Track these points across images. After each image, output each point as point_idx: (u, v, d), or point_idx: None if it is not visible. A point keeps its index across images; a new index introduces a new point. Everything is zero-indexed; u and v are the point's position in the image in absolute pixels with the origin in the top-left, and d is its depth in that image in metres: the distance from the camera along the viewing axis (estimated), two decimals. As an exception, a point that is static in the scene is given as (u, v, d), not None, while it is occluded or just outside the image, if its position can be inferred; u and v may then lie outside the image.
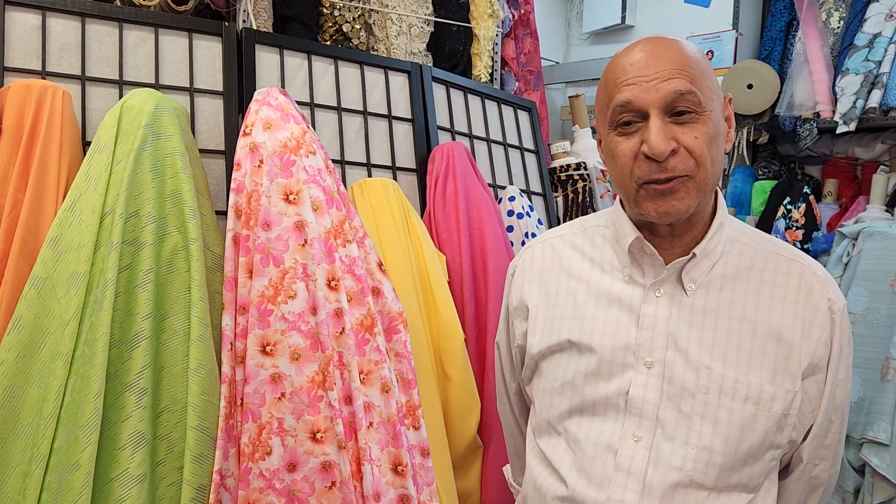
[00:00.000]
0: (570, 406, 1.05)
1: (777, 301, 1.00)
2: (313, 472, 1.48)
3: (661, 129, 0.92)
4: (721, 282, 1.01)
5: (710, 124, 0.94)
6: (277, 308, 1.51)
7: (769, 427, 0.96)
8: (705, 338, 0.99)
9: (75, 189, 1.41)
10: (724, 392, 0.96)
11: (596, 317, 1.05)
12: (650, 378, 0.99)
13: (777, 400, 0.96)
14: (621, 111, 0.95)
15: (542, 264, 1.16)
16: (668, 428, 0.98)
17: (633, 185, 0.97)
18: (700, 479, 0.96)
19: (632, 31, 3.67)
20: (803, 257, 1.04)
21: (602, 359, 1.02)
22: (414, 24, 2.34)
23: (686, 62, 0.94)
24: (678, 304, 1.01)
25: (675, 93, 0.92)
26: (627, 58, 0.97)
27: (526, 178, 2.46)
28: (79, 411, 1.31)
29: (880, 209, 2.58)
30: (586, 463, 1.01)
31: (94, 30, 1.63)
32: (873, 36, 2.61)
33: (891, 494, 2.24)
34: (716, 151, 0.95)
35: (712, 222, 1.03)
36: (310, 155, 1.61)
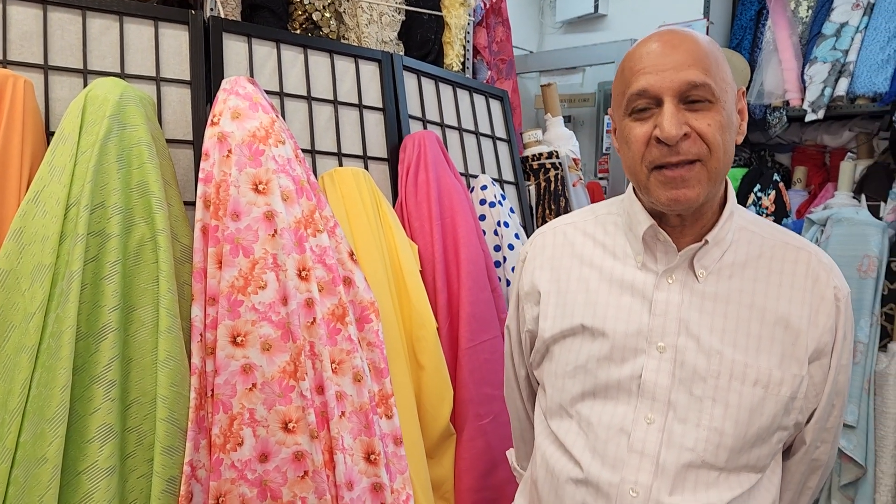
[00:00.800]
0: (582, 389, 1.07)
1: (785, 288, 1.02)
2: (285, 462, 1.48)
3: (674, 115, 0.94)
4: (731, 269, 1.04)
5: (723, 113, 0.96)
6: (248, 299, 1.50)
7: (777, 410, 0.99)
8: (716, 323, 1.01)
9: (39, 180, 1.39)
10: (734, 376, 0.99)
11: (609, 302, 1.07)
12: (662, 362, 1.02)
13: (785, 384, 0.99)
14: (637, 98, 0.98)
15: (553, 251, 1.17)
16: (680, 410, 1.00)
17: (645, 171, 0.99)
18: (711, 460, 0.98)
19: (605, 20, 3.67)
20: (810, 246, 1.06)
21: (615, 343, 1.04)
22: (385, 12, 2.32)
23: (701, 54, 0.96)
24: (690, 290, 1.03)
25: (689, 83, 0.94)
26: (645, 47, 0.99)
27: (498, 167, 2.46)
28: (45, 405, 1.29)
29: (848, 196, 2.62)
30: (599, 445, 1.04)
31: (57, 18, 1.60)
32: (840, 25, 2.65)
33: (857, 475, 2.29)
34: (728, 140, 0.97)
35: (722, 211, 1.05)
36: (279, 144, 1.60)
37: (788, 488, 1.13)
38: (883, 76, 2.52)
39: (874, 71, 2.55)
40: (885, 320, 2.35)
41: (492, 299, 1.98)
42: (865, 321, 2.33)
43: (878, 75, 2.53)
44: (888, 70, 2.52)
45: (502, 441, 1.88)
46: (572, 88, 3.73)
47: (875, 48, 2.56)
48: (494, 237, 2.17)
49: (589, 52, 3.43)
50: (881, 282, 2.36)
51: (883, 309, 2.36)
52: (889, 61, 2.53)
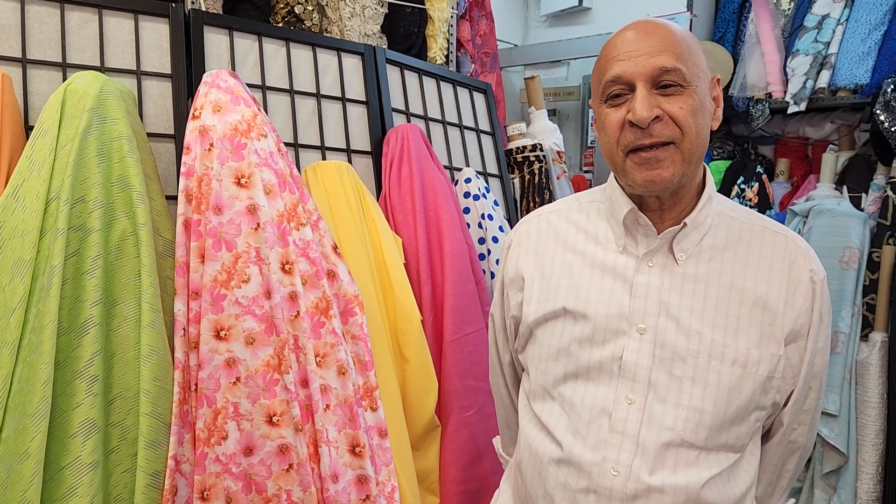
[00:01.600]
0: (564, 371, 1.09)
1: (763, 270, 1.04)
2: (270, 456, 1.48)
3: (646, 98, 0.97)
4: (710, 252, 1.06)
5: (695, 97, 0.99)
6: (231, 292, 1.49)
7: (755, 388, 1.01)
8: (695, 305, 1.03)
9: (18, 174, 1.38)
10: (713, 356, 1.01)
11: (591, 286, 1.09)
12: (643, 343, 1.03)
13: (763, 363, 1.01)
14: (611, 84, 1.00)
15: (538, 237, 1.20)
16: (660, 390, 1.02)
17: (620, 154, 1.02)
18: (691, 439, 1.00)
19: (589, 13, 3.68)
20: (787, 231, 1.09)
21: (596, 325, 1.06)
22: (367, 5, 2.32)
23: (673, 40, 0.99)
24: (670, 273, 1.05)
25: (661, 68, 0.97)
26: (619, 36, 1.02)
27: (482, 160, 2.47)
28: (27, 400, 1.29)
29: (830, 187, 2.64)
30: (581, 426, 1.05)
31: (35, 10, 1.59)
32: (822, 17, 2.66)
33: (839, 463, 2.31)
34: (701, 123, 1.00)
35: (701, 196, 1.07)
36: (261, 138, 1.60)
37: (767, 470, 1.14)
38: (864, 68, 2.54)
39: (855, 63, 2.56)
40: (866, 310, 2.37)
41: (476, 292, 1.99)
42: (847, 311, 2.35)
43: (859, 67, 2.55)
44: (869, 62, 2.54)
45: (487, 432, 1.89)
46: (557, 82, 3.73)
47: (856, 40, 2.57)
48: (479, 230, 2.18)
49: (573, 46, 3.43)
50: (862, 272, 2.38)
51: (864, 299, 2.38)
52: (870, 53, 2.55)
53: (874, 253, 2.38)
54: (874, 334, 2.34)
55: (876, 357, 2.31)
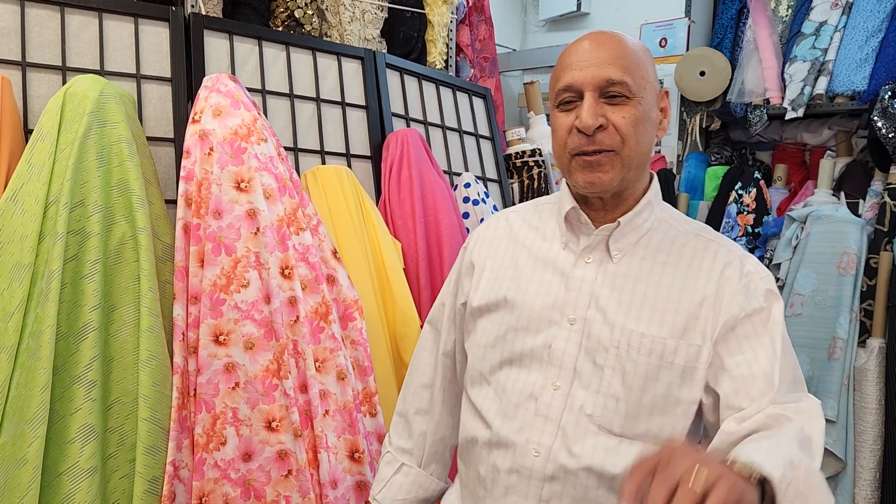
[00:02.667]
0: (500, 358, 1.14)
1: (693, 270, 1.09)
2: (269, 461, 1.48)
3: (592, 107, 1.04)
4: (644, 252, 1.12)
5: (639, 109, 1.05)
6: (230, 297, 1.49)
7: (672, 378, 1.04)
8: (623, 298, 1.09)
9: (17, 178, 1.37)
10: (632, 346, 1.06)
11: (532, 278, 1.15)
12: (572, 333, 1.09)
13: (679, 353, 1.04)
14: (563, 91, 1.07)
15: (494, 232, 1.26)
16: (584, 378, 1.07)
17: (567, 156, 1.08)
18: (607, 425, 1.05)
19: (587, 18, 3.68)
20: (723, 239, 1.14)
21: (531, 315, 1.12)
22: (367, 9, 2.32)
23: (622, 53, 1.05)
24: (604, 269, 1.11)
25: (608, 79, 1.04)
26: (575, 46, 1.09)
27: (481, 165, 2.47)
28: (25, 405, 1.28)
29: (827, 193, 2.64)
30: (510, 409, 1.11)
31: (35, 14, 1.58)
32: (820, 24, 2.67)
33: (837, 469, 2.31)
34: (642, 133, 1.06)
35: (642, 200, 1.13)
36: (261, 142, 1.59)
37: None
38: (861, 75, 2.55)
39: (853, 69, 2.57)
40: (864, 316, 2.38)
41: (475, 297, 1.98)
42: (845, 317, 2.35)
43: (857, 74, 2.56)
44: (866, 69, 2.55)
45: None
46: (555, 86, 3.72)
47: (854, 47, 2.58)
48: (478, 235, 2.17)
49: (572, 51, 3.42)
50: (860, 278, 2.39)
51: (862, 305, 2.38)
52: (867, 60, 2.55)
53: (872, 259, 2.38)
54: (872, 340, 2.34)
55: (874, 363, 2.31)
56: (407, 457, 1.32)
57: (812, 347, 2.41)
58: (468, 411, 1.20)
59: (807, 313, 2.44)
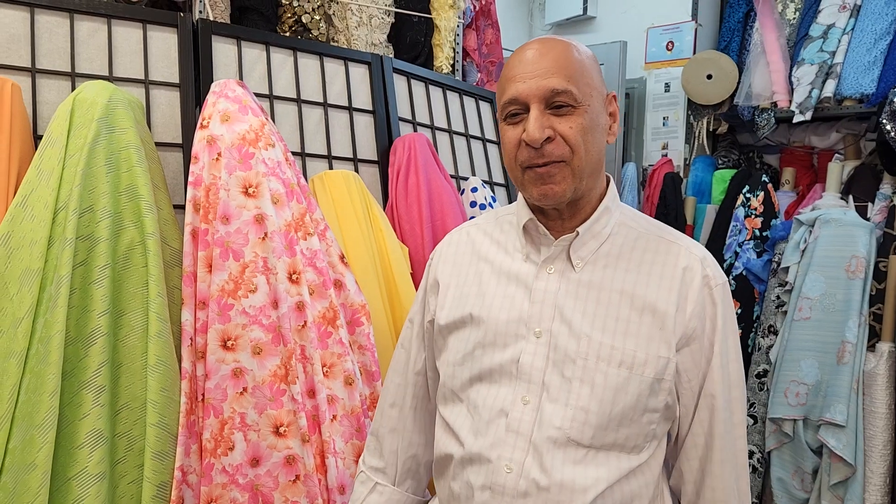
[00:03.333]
0: (470, 375, 1.13)
1: (654, 277, 1.09)
2: (277, 467, 1.48)
3: (538, 119, 1.03)
4: (606, 259, 1.11)
5: (586, 117, 1.05)
6: (238, 302, 1.49)
7: (642, 390, 1.04)
8: (588, 309, 1.08)
9: (27, 184, 1.38)
10: (601, 358, 1.05)
11: (496, 293, 1.14)
12: (538, 346, 1.08)
13: (649, 365, 1.04)
14: (509, 105, 1.06)
15: (457, 248, 1.26)
16: (553, 391, 1.06)
17: (519, 169, 1.08)
18: (577, 437, 1.04)
19: (594, 21, 3.69)
20: (684, 239, 1.14)
21: (497, 330, 1.11)
22: (374, 14, 2.32)
23: (566, 62, 1.05)
24: (567, 279, 1.10)
25: (552, 90, 1.03)
26: (517, 57, 1.08)
27: (488, 169, 2.47)
28: (34, 410, 1.28)
29: (835, 197, 2.63)
30: (482, 426, 1.10)
31: (44, 21, 1.59)
32: (827, 27, 2.67)
33: (847, 474, 2.30)
34: (591, 141, 1.06)
35: (599, 206, 1.13)
36: (269, 147, 1.60)
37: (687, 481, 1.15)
38: (869, 78, 2.54)
39: (861, 72, 2.57)
40: (873, 320, 2.37)
41: (483, 301, 1.98)
42: (854, 321, 2.35)
43: (865, 77, 2.55)
44: (875, 72, 2.54)
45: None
46: (562, 90, 3.73)
47: (862, 50, 2.58)
48: (485, 239, 2.17)
49: (578, 55, 3.43)
50: (869, 282, 2.38)
51: (871, 309, 2.37)
52: (875, 63, 2.55)
53: (881, 262, 2.37)
54: (881, 344, 2.33)
55: (883, 367, 2.30)
56: (380, 475, 1.30)
57: (821, 351, 2.40)
58: (441, 428, 1.19)
59: (815, 317, 2.43)
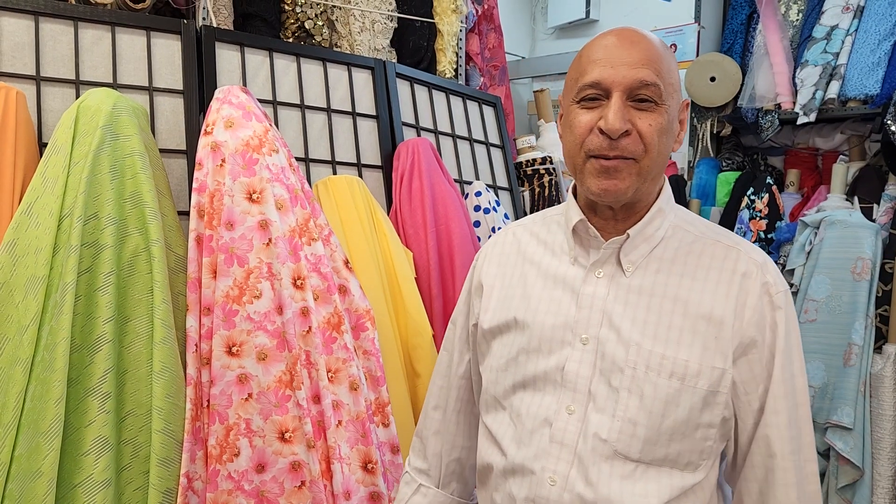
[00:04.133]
0: (513, 382, 1.09)
1: (711, 283, 1.03)
2: (282, 473, 1.48)
3: (620, 109, 0.97)
4: (658, 264, 1.05)
5: (666, 117, 0.99)
6: (243, 308, 1.49)
7: (694, 403, 0.99)
8: (638, 316, 1.02)
9: (32, 191, 1.38)
10: (650, 367, 0.99)
11: (541, 297, 1.10)
12: (585, 354, 1.03)
13: (702, 376, 0.99)
14: (588, 88, 1.00)
15: (502, 248, 1.21)
16: (599, 401, 1.01)
17: (582, 157, 1.02)
18: (624, 451, 0.99)
19: (596, 25, 3.69)
20: (743, 244, 1.07)
21: (543, 336, 1.07)
22: (377, 20, 2.33)
23: (655, 55, 0.99)
24: (616, 283, 1.05)
25: (641, 81, 0.97)
26: (603, 40, 1.02)
27: (492, 173, 2.46)
28: (40, 418, 1.28)
29: (840, 198, 2.62)
30: (525, 435, 1.06)
31: (49, 29, 1.60)
32: (831, 28, 2.66)
33: (855, 477, 2.29)
34: (664, 143, 1.00)
35: (652, 207, 1.07)
36: (273, 153, 1.60)
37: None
38: (874, 79, 2.53)
39: (865, 73, 2.56)
40: (879, 322, 2.36)
41: (487, 306, 1.98)
42: (860, 323, 2.33)
43: (869, 78, 2.54)
44: (879, 72, 2.54)
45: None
46: (565, 94, 3.73)
47: (865, 51, 2.57)
48: (489, 243, 2.17)
49: (581, 58, 3.43)
50: (875, 284, 2.37)
51: (877, 311, 2.36)
52: (880, 64, 2.54)
53: (887, 264, 2.36)
54: (888, 346, 2.32)
55: (890, 369, 2.29)
56: (424, 477, 1.29)
57: (827, 354, 2.39)
58: (484, 436, 1.15)
59: (821, 319, 2.42)
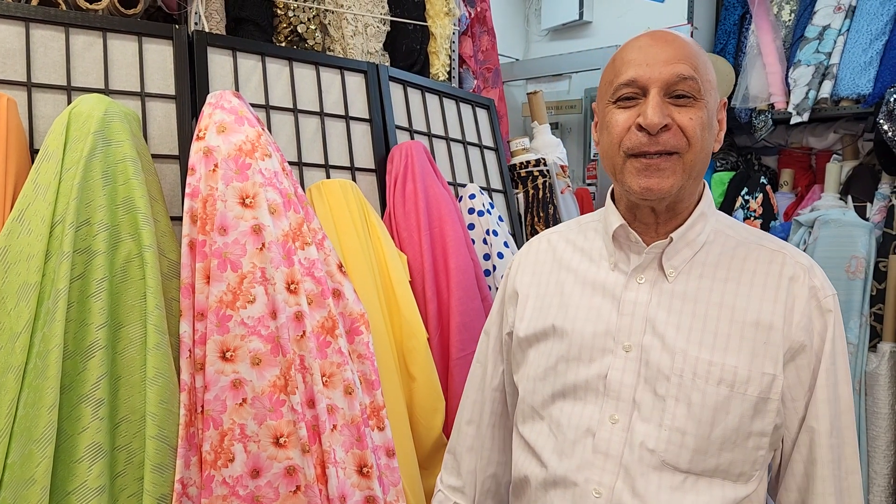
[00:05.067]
0: (552, 391, 1.07)
1: (757, 288, 1.00)
2: (277, 478, 1.47)
3: (659, 104, 0.95)
4: (702, 269, 1.02)
5: (705, 112, 0.98)
6: (236, 313, 1.49)
7: (745, 410, 0.96)
8: (683, 322, 1.00)
9: (23, 198, 1.38)
10: (697, 375, 0.97)
11: (580, 304, 1.07)
12: (628, 362, 1.01)
13: (752, 383, 0.96)
14: (624, 87, 0.99)
15: (537, 256, 1.19)
16: (645, 410, 0.99)
17: (621, 156, 0.99)
18: (673, 461, 0.96)
19: (589, 26, 3.69)
20: (788, 248, 1.04)
21: (583, 344, 1.04)
22: (370, 23, 2.33)
23: (691, 52, 0.98)
24: (659, 289, 1.03)
25: (678, 76, 0.96)
26: (637, 42, 1.01)
27: (486, 176, 2.46)
28: (32, 425, 1.28)
29: (834, 197, 2.63)
30: (567, 446, 1.03)
31: (40, 35, 1.59)
32: (823, 28, 2.67)
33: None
34: (707, 138, 0.99)
35: (694, 211, 1.05)
36: (265, 158, 1.60)
37: None
38: (866, 78, 2.54)
39: (857, 73, 2.57)
40: (874, 320, 2.36)
41: (482, 308, 1.98)
42: (855, 322, 2.34)
43: (862, 77, 2.55)
44: (871, 72, 2.54)
45: (495, 450, 1.87)
46: (559, 95, 3.74)
47: (857, 50, 2.58)
48: (483, 246, 2.17)
49: (574, 59, 3.44)
50: (869, 282, 2.37)
51: (872, 309, 2.37)
52: (872, 63, 2.55)
53: (881, 262, 2.37)
54: (882, 345, 2.33)
55: (885, 367, 2.29)
56: (459, 495, 1.27)
57: (822, 353, 2.40)
58: (520, 449, 1.13)
59: (816, 319, 2.43)
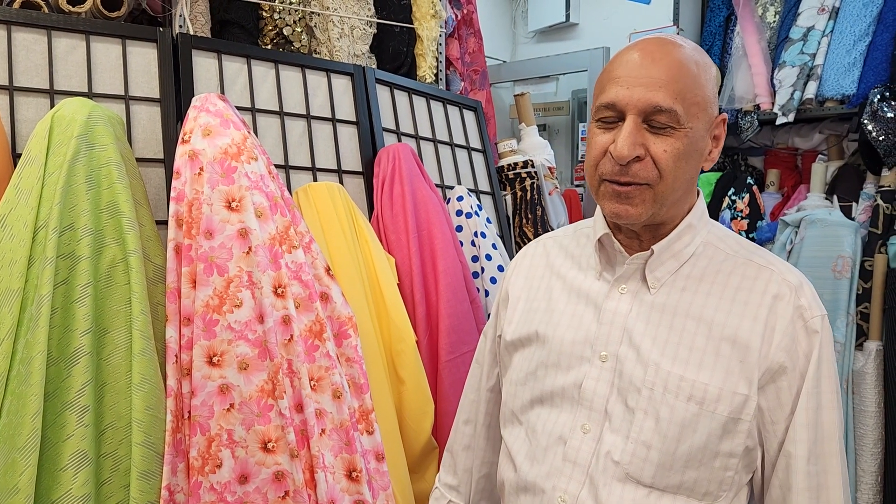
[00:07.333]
0: (531, 396, 1.07)
1: (739, 304, 0.98)
2: (266, 483, 1.46)
3: (631, 134, 0.93)
4: (685, 282, 1.01)
5: (685, 141, 0.94)
6: (223, 318, 1.48)
7: (713, 429, 0.94)
8: (659, 335, 0.99)
9: (5, 203, 1.36)
10: (668, 389, 0.95)
11: (564, 311, 1.08)
12: (603, 371, 1.01)
13: (723, 402, 0.94)
14: (604, 109, 0.97)
15: (531, 261, 1.20)
16: (615, 421, 0.99)
17: (596, 179, 0.99)
18: (636, 475, 0.96)
19: (576, 28, 3.70)
20: (778, 264, 1.02)
21: (562, 351, 1.05)
22: (356, 25, 2.32)
23: (678, 75, 0.93)
24: (640, 300, 1.02)
25: (654, 106, 0.92)
26: (628, 53, 0.97)
27: (474, 178, 2.46)
28: (16, 433, 1.26)
29: (820, 197, 2.65)
30: (539, 452, 1.04)
31: (22, 38, 1.57)
32: (807, 29, 2.69)
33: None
34: (683, 168, 0.95)
35: (681, 224, 1.03)
36: (251, 161, 1.59)
37: None
38: (850, 79, 2.56)
39: (841, 74, 2.58)
40: (860, 319, 2.38)
41: (471, 310, 1.98)
42: (842, 321, 2.35)
43: (846, 78, 2.57)
44: (855, 73, 2.56)
45: (485, 453, 1.87)
46: (546, 97, 3.75)
47: (842, 51, 2.60)
48: (472, 248, 2.17)
49: (561, 61, 3.45)
50: (856, 281, 2.39)
51: (858, 308, 2.38)
52: (856, 64, 2.57)
53: (866, 262, 2.38)
54: (869, 343, 2.34)
55: (872, 366, 2.31)
56: (454, 493, 1.28)
57: (810, 352, 2.41)
58: (502, 452, 1.14)
59: (803, 318, 2.44)
